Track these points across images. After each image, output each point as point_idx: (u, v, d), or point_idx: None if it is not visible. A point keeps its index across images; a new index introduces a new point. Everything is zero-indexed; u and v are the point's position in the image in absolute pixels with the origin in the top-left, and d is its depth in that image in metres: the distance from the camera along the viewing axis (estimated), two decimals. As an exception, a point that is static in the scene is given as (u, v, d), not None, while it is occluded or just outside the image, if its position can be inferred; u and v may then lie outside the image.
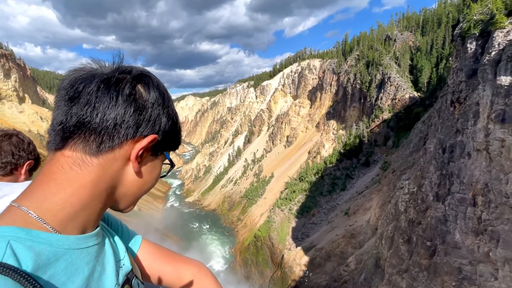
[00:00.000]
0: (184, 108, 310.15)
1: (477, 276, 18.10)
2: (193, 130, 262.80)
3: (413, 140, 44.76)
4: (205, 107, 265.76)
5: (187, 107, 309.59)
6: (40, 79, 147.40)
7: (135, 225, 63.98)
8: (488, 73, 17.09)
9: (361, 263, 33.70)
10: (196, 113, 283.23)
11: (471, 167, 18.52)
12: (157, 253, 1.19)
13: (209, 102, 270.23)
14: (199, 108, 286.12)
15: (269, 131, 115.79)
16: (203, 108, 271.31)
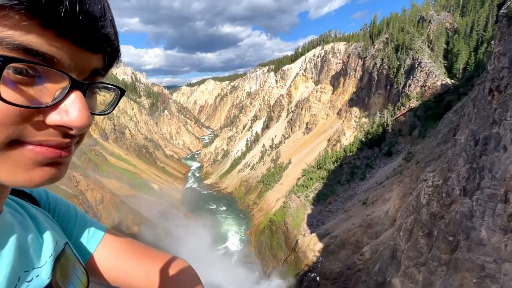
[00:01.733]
0: (204, 92, 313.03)
1: (501, 275, 17.26)
2: (213, 114, 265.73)
3: (442, 131, 42.22)
4: (225, 92, 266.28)
5: (207, 91, 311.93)
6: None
7: (157, 204, 67.31)
8: (537, 58, 15.35)
9: (376, 253, 33.34)
10: (215, 97, 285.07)
11: (506, 162, 17.18)
12: (125, 250, 0.97)
13: (229, 86, 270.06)
14: (218, 92, 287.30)
15: (288, 117, 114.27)
16: (222, 93, 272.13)
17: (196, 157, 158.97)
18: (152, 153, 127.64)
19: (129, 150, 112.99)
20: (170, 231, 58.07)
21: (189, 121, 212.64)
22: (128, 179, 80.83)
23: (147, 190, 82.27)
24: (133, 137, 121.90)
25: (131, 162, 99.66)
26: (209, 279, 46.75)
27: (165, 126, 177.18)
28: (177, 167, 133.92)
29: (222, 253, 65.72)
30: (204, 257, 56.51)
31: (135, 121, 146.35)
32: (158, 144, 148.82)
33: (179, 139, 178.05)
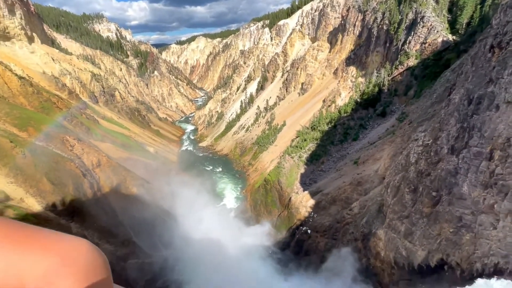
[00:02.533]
0: (195, 51, 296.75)
1: (476, 225, 18.81)
2: (205, 74, 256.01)
3: (438, 90, 41.93)
4: (217, 50, 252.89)
5: (198, 49, 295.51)
6: (45, 16, 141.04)
7: (154, 166, 67.84)
8: (544, 11, 14.57)
9: (364, 208, 35.59)
10: (207, 57, 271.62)
11: (496, 121, 17.44)
12: None
13: (221, 44, 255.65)
14: (210, 51, 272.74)
15: (283, 77, 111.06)
16: (214, 51, 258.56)
17: (190, 120, 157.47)
18: (145, 116, 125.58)
19: (121, 113, 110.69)
20: (168, 191, 60.08)
21: (181, 83, 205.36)
22: (123, 143, 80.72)
23: (143, 153, 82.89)
24: (124, 100, 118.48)
25: (124, 126, 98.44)
26: (212, 232, 50.07)
27: (156, 88, 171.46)
28: (171, 130, 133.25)
29: (220, 210, 69.36)
30: (205, 213, 59.71)
31: (124, 82, 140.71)
32: (150, 107, 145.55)
33: (171, 101, 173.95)
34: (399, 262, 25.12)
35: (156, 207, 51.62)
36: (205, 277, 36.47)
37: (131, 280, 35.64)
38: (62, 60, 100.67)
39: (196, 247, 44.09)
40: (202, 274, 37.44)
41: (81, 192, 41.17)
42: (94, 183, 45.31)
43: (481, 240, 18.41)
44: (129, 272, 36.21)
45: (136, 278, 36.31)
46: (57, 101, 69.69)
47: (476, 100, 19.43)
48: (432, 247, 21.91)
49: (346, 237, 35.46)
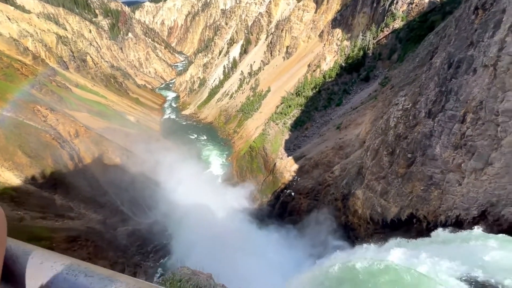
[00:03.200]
0: (172, 10, 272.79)
1: (444, 183, 20.50)
2: (184, 37, 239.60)
3: (420, 54, 42.09)
4: (196, 9, 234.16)
5: (175, 8, 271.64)
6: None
7: (136, 135, 66.13)
8: (530, -30, 14.34)
9: (345, 170, 37.46)
10: (186, 16, 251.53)
11: (472, 84, 18.05)
12: None
13: (200, 2, 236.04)
14: (188, 10, 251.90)
15: (267, 40, 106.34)
16: (193, 10, 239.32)
17: (171, 87, 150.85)
18: (122, 83, 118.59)
19: (95, 80, 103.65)
20: (153, 160, 59.70)
21: (159, 46, 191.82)
22: (100, 112, 77.01)
23: (123, 122, 79.99)
24: (97, 66, 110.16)
25: (100, 94, 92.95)
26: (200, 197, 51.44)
27: (132, 52, 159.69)
28: (151, 98, 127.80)
29: (207, 176, 70.61)
30: (191, 180, 60.63)
31: (95, 46, 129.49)
32: (127, 73, 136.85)
33: (149, 66, 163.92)
34: (374, 218, 27.43)
35: (142, 176, 51.62)
36: (193, 239, 38.35)
37: (122, 246, 36.88)
38: (20, 20, 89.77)
39: (184, 212, 45.53)
40: (191, 237, 39.29)
41: (61, 163, 39.99)
42: (74, 155, 43.96)
43: (447, 195, 20.23)
44: (119, 239, 37.28)
45: (127, 244, 37.58)
46: (21, 67, 63.66)
47: (455, 63, 19.78)
48: (404, 204, 23.93)
49: (327, 198, 37.74)
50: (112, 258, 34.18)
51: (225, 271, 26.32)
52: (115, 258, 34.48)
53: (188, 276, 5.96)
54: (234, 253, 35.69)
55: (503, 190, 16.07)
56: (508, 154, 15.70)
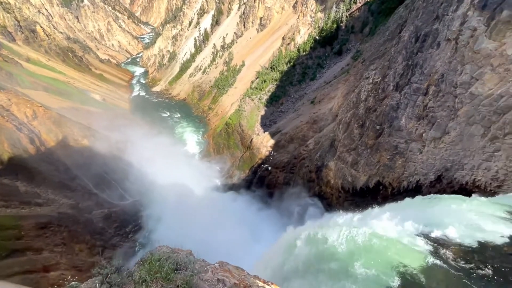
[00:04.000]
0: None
1: (407, 152, 22.22)
2: (149, 6, 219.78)
3: (390, 27, 42.87)
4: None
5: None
6: None
7: (103, 115, 62.06)
8: None
9: (318, 144, 38.91)
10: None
11: (436, 58, 19.00)
12: None
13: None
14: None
15: (240, 11, 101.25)
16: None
17: (138, 62, 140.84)
18: (82, 57, 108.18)
19: (50, 54, 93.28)
20: (125, 140, 57.12)
21: (121, 16, 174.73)
22: (60, 90, 70.49)
23: (88, 101, 74.31)
24: (51, 37, 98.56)
25: (57, 70, 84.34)
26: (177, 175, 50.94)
27: (90, 22, 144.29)
28: (117, 74, 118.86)
29: (183, 156, 69.56)
30: (169, 158, 59.45)
31: (46, 14, 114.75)
32: (86, 46, 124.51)
33: (112, 39, 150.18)
34: (346, 187, 29.36)
35: (114, 158, 49.54)
36: (172, 217, 38.63)
37: (99, 229, 36.17)
38: None
39: (161, 190, 45.15)
40: (169, 215, 39.49)
41: (20, 148, 36.85)
42: (35, 138, 40.53)
43: (409, 163, 22.06)
44: (95, 222, 36.40)
45: (104, 227, 36.90)
46: None
47: (422, 37, 20.53)
48: (372, 172, 25.75)
49: (302, 170, 39.36)
50: (89, 241, 33.57)
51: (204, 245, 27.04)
52: (93, 241, 33.91)
53: (167, 255, 6.03)
54: (214, 226, 36.71)
55: (457, 156, 17.83)
56: (463, 124, 17.22)
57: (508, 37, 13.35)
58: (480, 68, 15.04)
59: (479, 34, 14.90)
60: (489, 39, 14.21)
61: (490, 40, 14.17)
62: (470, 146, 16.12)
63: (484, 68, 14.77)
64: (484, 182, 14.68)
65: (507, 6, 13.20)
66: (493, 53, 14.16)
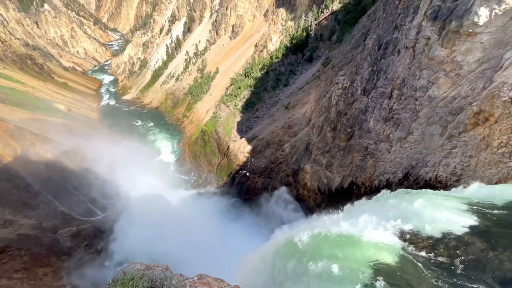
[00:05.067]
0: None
1: (377, 152, 23.48)
2: (117, 12, 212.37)
3: (356, 36, 45.46)
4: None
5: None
6: None
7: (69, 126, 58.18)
8: (439, -38, 16.38)
9: (294, 148, 39.73)
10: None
11: (397, 64, 20.49)
12: None
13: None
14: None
15: (212, 18, 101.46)
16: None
17: (107, 69, 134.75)
18: (43, 65, 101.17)
19: (6, 62, 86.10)
20: (94, 152, 53.86)
21: (86, 21, 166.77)
22: (18, 101, 65.10)
23: (51, 112, 69.33)
24: (6, 44, 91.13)
25: (14, 79, 77.95)
26: (151, 187, 48.86)
27: (52, 28, 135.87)
28: (84, 82, 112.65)
29: (157, 166, 67.11)
30: (142, 168, 56.88)
31: (0, 19, 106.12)
32: (48, 53, 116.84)
33: (77, 46, 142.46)
34: (322, 188, 30.18)
35: (81, 170, 46.41)
36: (148, 231, 36.91)
37: (66, 249, 33.47)
38: None
39: (135, 202, 43.05)
40: (145, 229, 37.71)
41: (-29, 165, 33.26)
42: (-12, 153, 36.84)
43: (379, 163, 23.31)
44: (62, 242, 33.65)
45: (72, 246, 34.22)
46: None
47: (384, 45, 22.04)
48: (346, 173, 26.79)
49: (280, 175, 39.84)
50: (55, 263, 30.89)
51: (183, 258, 26.00)
52: (59, 263, 31.25)
53: (142, 272, 5.69)
54: (192, 237, 35.66)
55: (420, 154, 19.20)
56: (424, 124, 18.63)
57: (457, 45, 14.79)
58: (435, 73, 16.45)
59: (433, 42, 16.34)
60: (441, 47, 15.62)
61: (442, 47, 15.59)
62: (431, 144, 17.43)
63: (439, 73, 16.17)
64: (445, 177, 15.90)
65: (455, 17, 14.66)
66: (445, 60, 15.58)
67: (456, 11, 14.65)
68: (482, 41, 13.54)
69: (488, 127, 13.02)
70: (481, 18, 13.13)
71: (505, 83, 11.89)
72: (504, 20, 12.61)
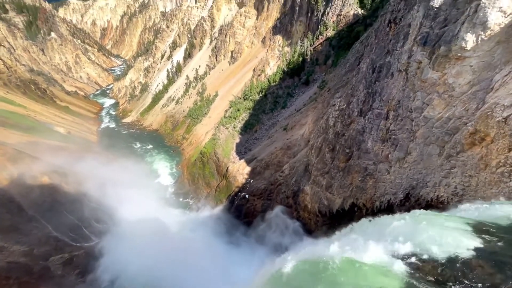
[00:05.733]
0: (104, 9, 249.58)
1: (376, 172, 23.41)
2: (121, 39, 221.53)
3: (350, 60, 47.23)
4: (132, 10, 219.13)
5: (108, 8, 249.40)
6: None
7: (68, 149, 58.15)
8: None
9: (293, 169, 39.56)
10: (121, 17, 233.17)
11: (391, 86, 21.12)
12: None
13: (137, 3, 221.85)
14: (124, 10, 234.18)
15: (212, 45, 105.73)
16: (129, 11, 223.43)
17: (108, 93, 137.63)
18: (46, 89, 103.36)
19: (10, 87, 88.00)
20: (92, 175, 53.29)
21: (91, 48, 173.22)
22: (19, 124, 65.62)
23: (50, 135, 69.63)
24: (11, 70, 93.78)
25: (16, 103, 79.21)
26: (149, 212, 47.74)
27: (57, 55, 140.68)
28: (85, 106, 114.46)
29: (155, 188, 66.19)
30: (139, 191, 55.96)
31: (7, 47, 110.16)
32: (52, 78, 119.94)
33: (80, 71, 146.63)
34: (322, 210, 29.63)
35: (79, 194, 45.61)
36: (143, 257, 35.50)
37: (58, 277, 31.95)
38: None
39: (131, 229, 41.83)
40: (141, 255, 36.30)
41: (-34, 189, 32.72)
42: (-16, 177, 36.39)
43: (379, 183, 23.14)
44: (53, 270, 32.19)
45: (64, 274, 32.69)
46: None
47: (378, 68, 22.86)
48: (346, 194, 26.47)
49: (279, 196, 39.26)
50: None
51: (180, 284, 24.82)
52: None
53: None
54: (189, 264, 34.25)
55: (420, 175, 19.15)
56: (421, 144, 18.79)
57: (448, 68, 15.37)
58: (429, 95, 16.91)
59: (424, 66, 16.98)
60: (432, 70, 16.22)
61: (433, 71, 16.18)
62: (430, 164, 17.45)
63: (432, 95, 16.62)
64: (446, 198, 15.73)
65: (443, 42, 15.39)
66: (437, 82, 16.11)
67: (444, 37, 15.40)
68: (471, 64, 14.09)
69: (485, 146, 13.15)
70: (468, 43, 13.77)
71: (497, 103, 12.20)
72: (490, 45, 13.23)
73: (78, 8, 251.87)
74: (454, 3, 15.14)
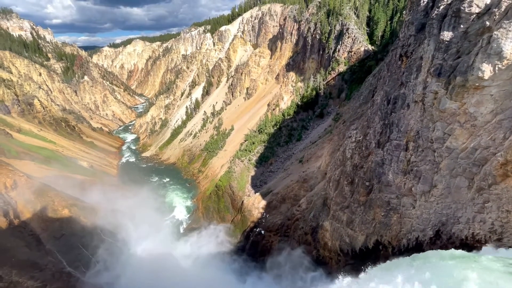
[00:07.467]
0: (132, 54, 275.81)
1: (400, 207, 21.98)
2: (145, 80, 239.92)
3: (363, 93, 47.75)
4: (157, 54, 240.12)
5: (136, 53, 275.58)
6: None
7: (89, 183, 59.89)
8: (434, 28, 18.00)
9: (311, 203, 38.08)
10: (146, 61, 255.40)
11: (408, 117, 20.79)
12: None
13: (161, 48, 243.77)
14: (149, 55, 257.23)
15: (228, 83, 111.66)
16: (154, 55, 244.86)
17: (130, 129, 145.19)
18: (75, 126, 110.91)
19: (44, 124, 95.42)
20: (109, 209, 53.96)
21: (117, 89, 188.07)
22: (47, 159, 69.59)
23: (74, 169, 72.85)
24: (46, 109, 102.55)
25: (48, 139, 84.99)
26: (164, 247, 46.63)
27: (87, 95, 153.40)
28: (108, 141, 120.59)
29: (169, 223, 65.37)
30: (152, 227, 55.31)
31: (45, 89, 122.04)
32: (81, 116, 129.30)
33: (106, 109, 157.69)
34: (344, 248, 27.60)
35: (95, 228, 45.81)
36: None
37: (66, 317, 30.76)
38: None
39: (147, 265, 40.60)
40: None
41: (-9, 222, 33.90)
42: (10, 210, 37.80)
43: (405, 219, 21.57)
44: (63, 308, 31.18)
45: (73, 313, 31.49)
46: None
47: (392, 100, 22.82)
48: (369, 231, 24.73)
49: (297, 233, 37.31)
50: (52, 335, 28.03)
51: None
52: (56, 335, 28.32)
53: None
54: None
55: (449, 209, 17.74)
56: (447, 176, 17.73)
57: (467, 98, 15.06)
58: (450, 125, 16.39)
59: (441, 96, 16.77)
60: (450, 100, 15.94)
61: (451, 100, 15.89)
62: (460, 198, 16.23)
63: (453, 125, 16.10)
64: (483, 236, 14.27)
65: (459, 73, 15.32)
66: (457, 112, 15.70)
67: (458, 67, 15.38)
68: (492, 93, 13.75)
69: (519, 178, 12.18)
70: (485, 72, 13.62)
71: (526, 132, 11.56)
72: (509, 73, 12.99)
73: (109, 54, 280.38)
74: (465, 36, 15.36)
